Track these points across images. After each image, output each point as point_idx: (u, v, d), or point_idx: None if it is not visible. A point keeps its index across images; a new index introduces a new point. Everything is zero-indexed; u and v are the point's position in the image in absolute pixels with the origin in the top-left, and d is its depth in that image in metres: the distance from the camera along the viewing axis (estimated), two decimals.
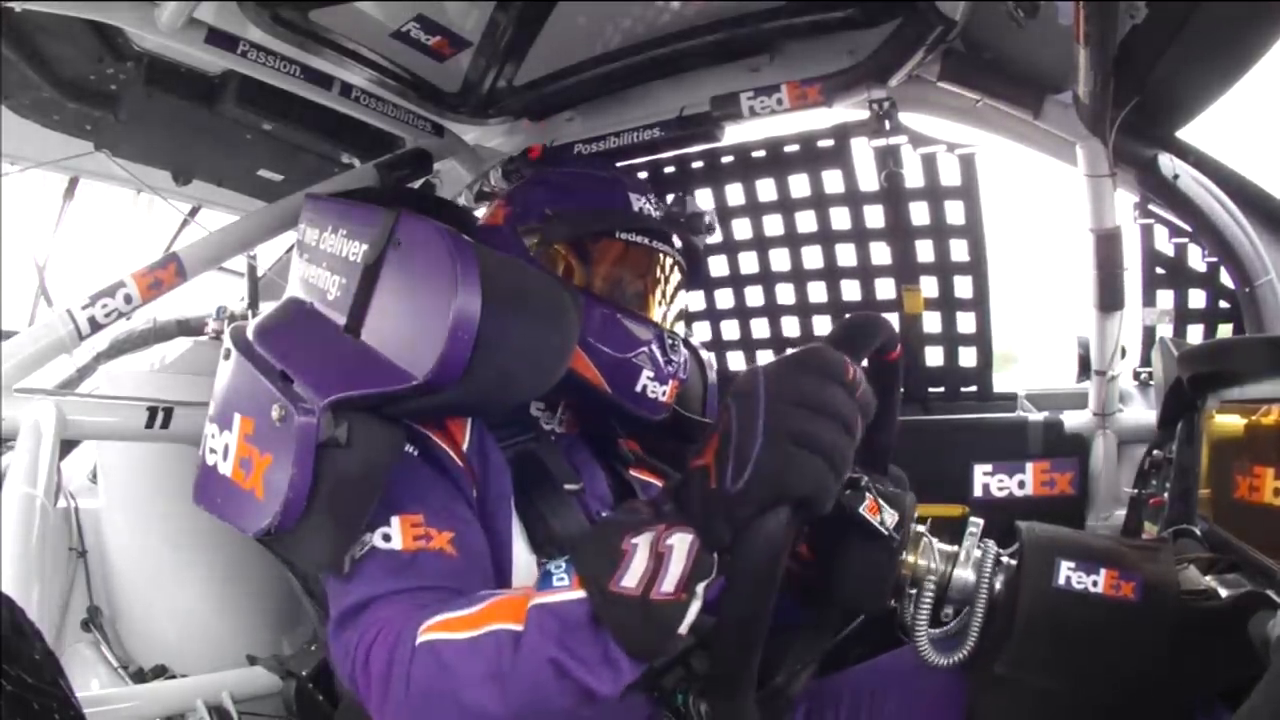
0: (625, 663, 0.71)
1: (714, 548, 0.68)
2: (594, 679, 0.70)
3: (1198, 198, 1.33)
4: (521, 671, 0.72)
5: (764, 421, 0.65)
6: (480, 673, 0.74)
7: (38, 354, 1.32)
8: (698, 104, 1.51)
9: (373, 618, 0.83)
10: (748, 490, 0.65)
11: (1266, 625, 0.67)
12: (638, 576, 0.68)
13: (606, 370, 1.14)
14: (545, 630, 0.72)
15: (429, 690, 0.76)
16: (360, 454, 0.88)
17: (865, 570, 0.85)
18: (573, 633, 0.71)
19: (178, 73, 1.47)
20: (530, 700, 0.72)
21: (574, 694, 0.71)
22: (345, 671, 0.85)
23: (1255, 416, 0.87)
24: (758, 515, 0.65)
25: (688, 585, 0.68)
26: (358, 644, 0.82)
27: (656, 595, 0.68)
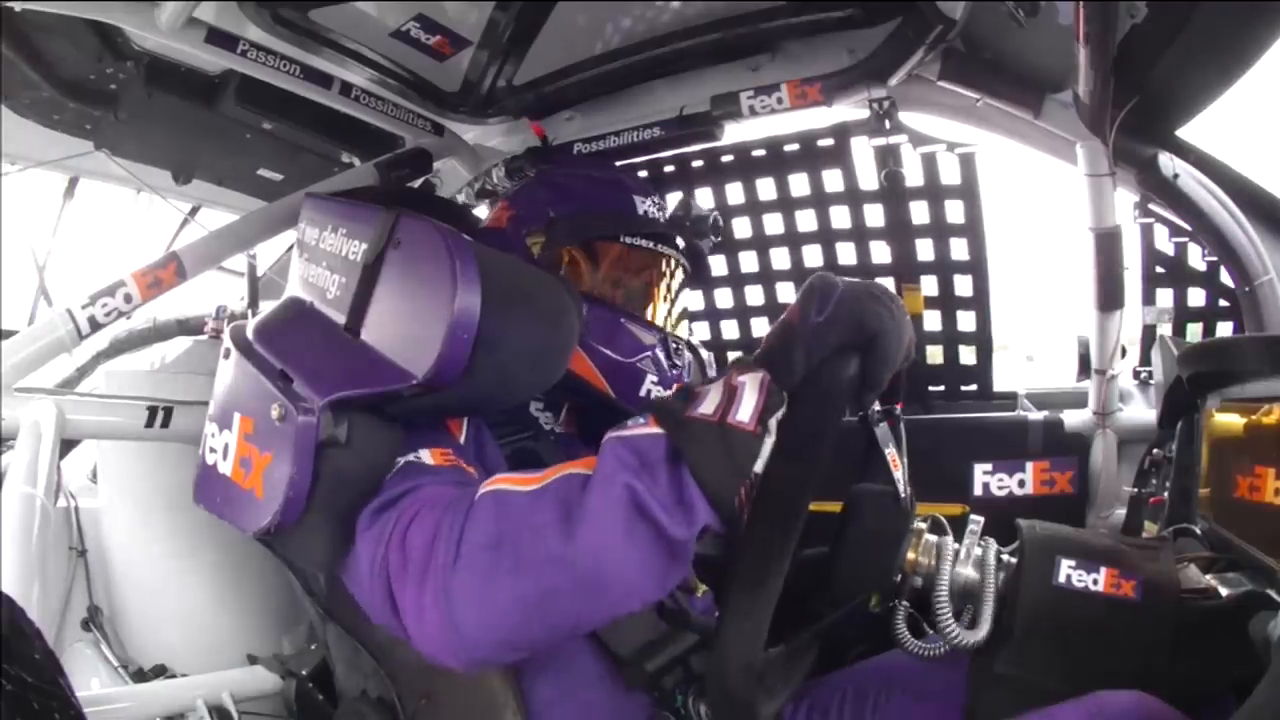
0: (700, 502, 0.68)
1: (784, 386, 0.71)
2: (668, 518, 0.68)
3: (1197, 197, 1.33)
4: (591, 507, 0.69)
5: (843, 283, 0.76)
6: (545, 514, 0.71)
7: (38, 354, 1.31)
8: (698, 103, 1.51)
9: (414, 499, 0.81)
10: (831, 321, 0.72)
11: (1267, 625, 0.67)
12: (714, 405, 0.70)
13: (610, 375, 1.14)
14: (621, 460, 0.70)
15: (484, 541, 0.71)
16: (360, 453, 0.88)
17: (872, 542, 0.85)
18: (649, 467, 0.69)
19: (178, 72, 1.47)
20: (598, 542, 0.68)
21: (645, 536, 0.68)
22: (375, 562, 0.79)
23: (1255, 415, 0.87)
24: (834, 353, 0.72)
25: (762, 418, 0.69)
26: (394, 525, 0.78)
27: (732, 422, 0.68)
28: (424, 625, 0.75)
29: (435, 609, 0.74)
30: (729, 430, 0.68)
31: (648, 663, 0.93)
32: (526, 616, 0.72)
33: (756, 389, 0.70)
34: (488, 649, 0.75)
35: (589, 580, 0.70)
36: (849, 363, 0.72)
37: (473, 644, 0.74)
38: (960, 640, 0.82)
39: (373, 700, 1.02)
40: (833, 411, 0.71)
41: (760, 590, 0.69)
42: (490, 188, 1.76)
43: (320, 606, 1.06)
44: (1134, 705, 0.73)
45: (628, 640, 0.96)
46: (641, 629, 0.97)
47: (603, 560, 0.69)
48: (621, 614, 0.74)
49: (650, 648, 0.94)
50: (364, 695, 1.03)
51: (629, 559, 0.69)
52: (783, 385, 0.71)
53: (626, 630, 0.96)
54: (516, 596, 0.71)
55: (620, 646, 0.95)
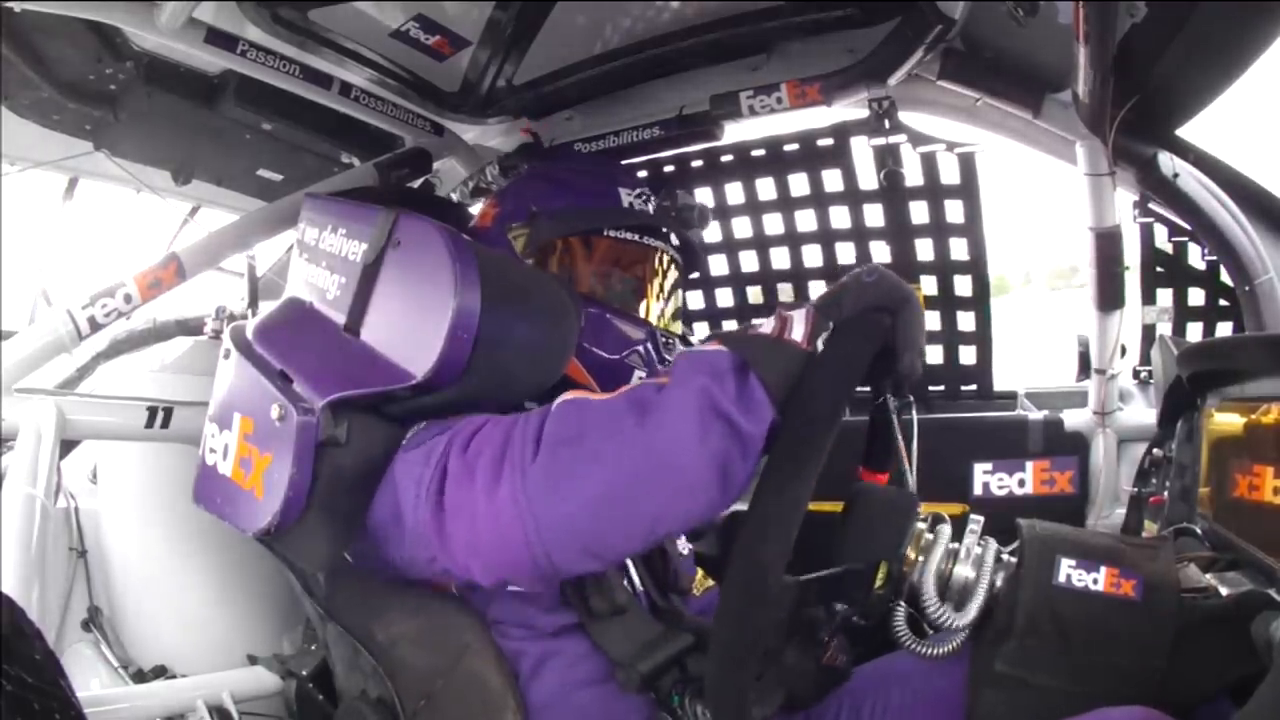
0: (766, 400, 0.76)
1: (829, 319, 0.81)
2: (740, 412, 0.74)
3: (1197, 196, 1.33)
4: (668, 402, 0.75)
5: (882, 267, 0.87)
6: (624, 411, 0.76)
7: (38, 354, 1.31)
8: (697, 103, 1.51)
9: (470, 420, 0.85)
10: (876, 284, 0.84)
11: (1269, 626, 0.67)
12: (770, 328, 0.80)
13: (597, 372, 1.13)
14: (694, 366, 0.77)
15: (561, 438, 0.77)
16: (360, 453, 0.88)
17: (882, 515, 0.86)
18: (719, 373, 0.76)
19: (177, 73, 1.47)
20: (675, 433, 0.74)
21: (718, 430, 0.74)
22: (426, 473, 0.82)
23: (1255, 415, 0.87)
24: (873, 307, 0.83)
25: (811, 338, 0.79)
26: (452, 438, 0.82)
27: (788, 337, 0.79)
28: (498, 528, 0.77)
29: (514, 506, 0.76)
30: (786, 344, 0.78)
31: (643, 664, 0.92)
32: (607, 510, 0.76)
33: (805, 319, 0.80)
34: (567, 549, 0.77)
35: (668, 469, 0.75)
36: (884, 316, 0.84)
37: (552, 542, 0.76)
38: (946, 620, 0.82)
39: (373, 700, 1.02)
40: (867, 344, 0.81)
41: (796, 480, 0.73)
42: (485, 185, 1.76)
43: (320, 606, 1.06)
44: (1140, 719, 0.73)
45: (623, 642, 0.96)
46: (636, 631, 0.97)
47: (680, 449, 0.74)
48: (696, 516, 0.79)
49: (646, 649, 0.94)
50: (364, 695, 1.03)
51: (703, 450, 0.74)
52: (828, 319, 0.81)
53: (620, 632, 0.96)
54: (599, 488, 0.75)
55: (615, 648, 0.95)
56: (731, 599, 0.75)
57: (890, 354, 0.86)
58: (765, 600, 0.73)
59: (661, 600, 1.06)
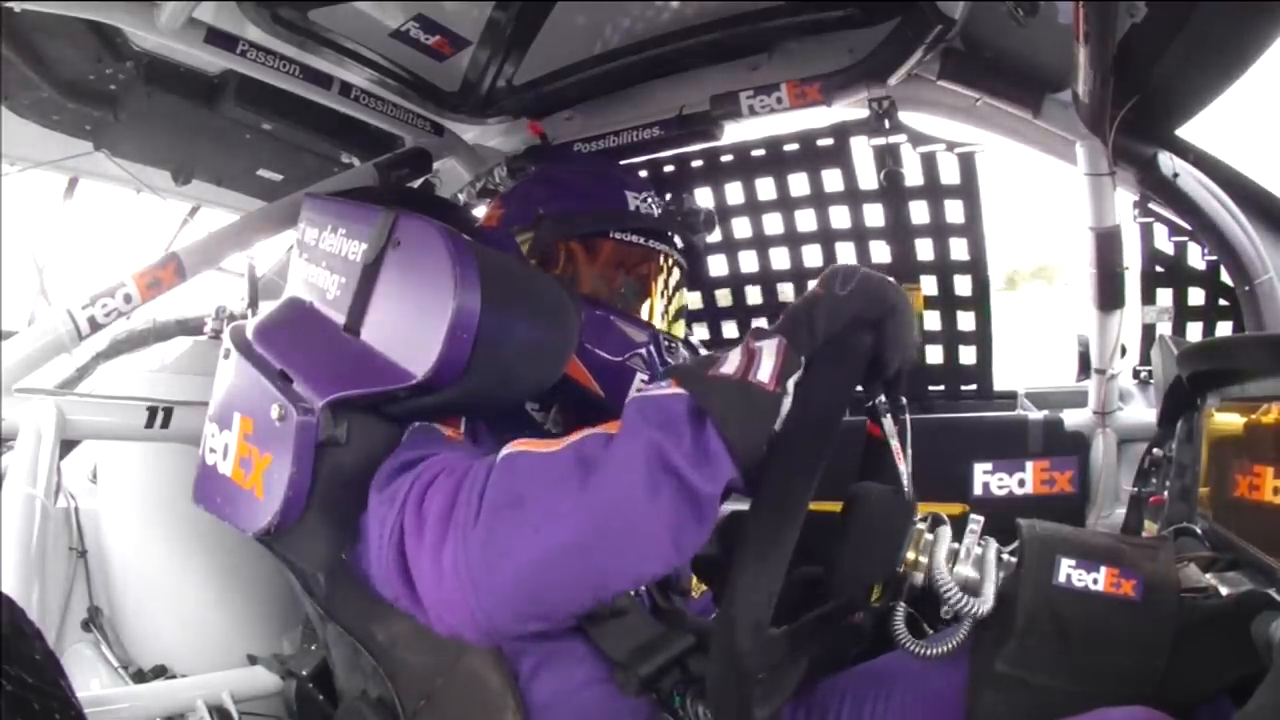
0: (724, 457, 0.69)
1: (801, 351, 0.74)
2: (693, 470, 0.68)
3: (1197, 196, 1.33)
4: (614, 460, 0.69)
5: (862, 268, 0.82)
6: (566, 470, 0.70)
7: (38, 354, 1.31)
8: (697, 103, 1.51)
9: (431, 464, 0.80)
10: (852, 295, 0.78)
11: (1269, 627, 0.67)
12: (734, 366, 0.73)
13: (599, 374, 1.13)
14: (645, 416, 0.71)
15: (503, 501, 0.71)
16: (359, 453, 0.88)
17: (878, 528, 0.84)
18: (673, 423, 0.70)
19: (177, 73, 1.47)
20: (621, 495, 0.68)
21: (669, 489, 0.68)
22: (387, 525, 0.78)
23: (1255, 415, 0.87)
24: (853, 322, 0.77)
25: (780, 378, 0.72)
26: (411, 486, 0.78)
27: (753, 379, 0.71)
28: (441, 590, 0.73)
29: (454, 572, 0.72)
30: (750, 388, 0.71)
31: (643, 665, 0.92)
32: (550, 575, 0.71)
33: (774, 352, 0.73)
34: (508, 615, 0.74)
35: (612, 533, 0.69)
36: (865, 335, 0.78)
37: (492, 608, 0.73)
38: (968, 607, 0.81)
39: (373, 700, 1.02)
40: (849, 375, 0.76)
41: (774, 547, 0.70)
42: (493, 187, 1.76)
43: (320, 606, 1.06)
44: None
45: (622, 643, 0.95)
46: (636, 631, 0.97)
47: (626, 513, 0.69)
48: (645, 576, 0.76)
49: (646, 650, 0.94)
50: (364, 695, 1.03)
51: (652, 512, 0.69)
52: (800, 350, 0.74)
53: (620, 633, 0.96)
54: (539, 554, 0.70)
55: (615, 650, 0.95)
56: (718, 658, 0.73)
57: (877, 363, 0.82)
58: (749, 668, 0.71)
59: (663, 601, 1.06)
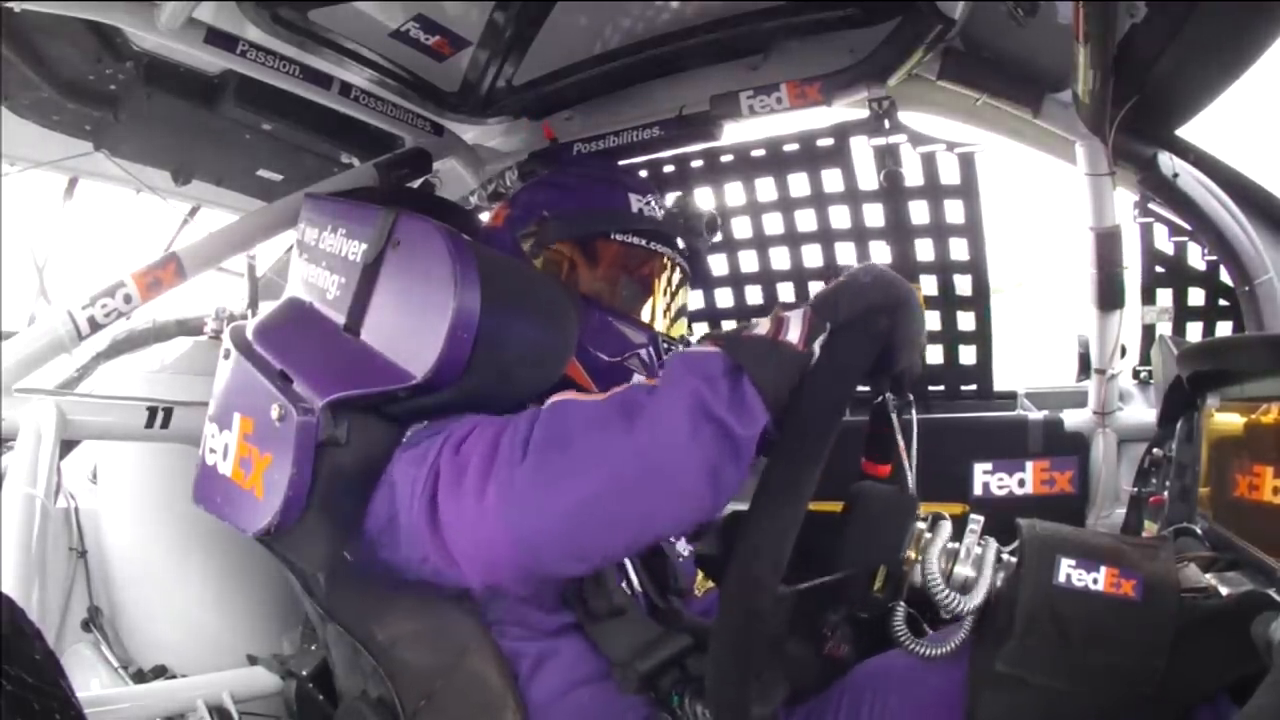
0: (759, 404, 0.74)
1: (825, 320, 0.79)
2: (731, 415, 0.73)
3: (1197, 196, 1.33)
4: (658, 405, 0.74)
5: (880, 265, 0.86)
6: (614, 416, 0.74)
7: (38, 354, 1.31)
8: (697, 103, 1.51)
9: (464, 420, 0.83)
10: (873, 283, 0.82)
11: (1269, 627, 0.67)
12: (765, 329, 0.79)
13: (596, 374, 1.13)
14: (686, 368, 0.75)
15: (550, 440, 0.75)
16: (359, 453, 0.88)
17: (882, 516, 0.86)
18: (711, 375, 0.74)
19: (177, 73, 1.47)
20: (664, 436, 0.73)
21: (709, 433, 0.72)
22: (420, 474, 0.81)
23: (1255, 415, 0.87)
24: (871, 309, 0.81)
25: (808, 340, 0.77)
26: (445, 440, 0.81)
27: (783, 338, 0.77)
28: (481, 529, 0.76)
29: (499, 510, 0.75)
30: (781, 346, 0.77)
31: (641, 664, 0.93)
32: (595, 513, 0.74)
33: (801, 319, 0.79)
34: (553, 552, 0.77)
35: (656, 473, 0.73)
36: (882, 318, 0.82)
37: (539, 545, 0.76)
38: (954, 604, 0.82)
39: (373, 700, 1.02)
40: (867, 347, 0.80)
41: (792, 491, 0.72)
42: (503, 191, 1.76)
43: (320, 606, 1.06)
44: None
45: (621, 642, 0.95)
46: (635, 632, 0.97)
47: (669, 454, 0.73)
48: (685, 521, 0.79)
49: (644, 650, 0.94)
50: (364, 695, 1.03)
51: (693, 454, 0.72)
52: (825, 320, 0.79)
53: (619, 633, 0.96)
54: (585, 491, 0.74)
55: (613, 649, 0.95)
56: (727, 614, 0.75)
57: (889, 354, 0.85)
58: (761, 615, 0.72)
59: (661, 601, 1.06)
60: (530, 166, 1.67)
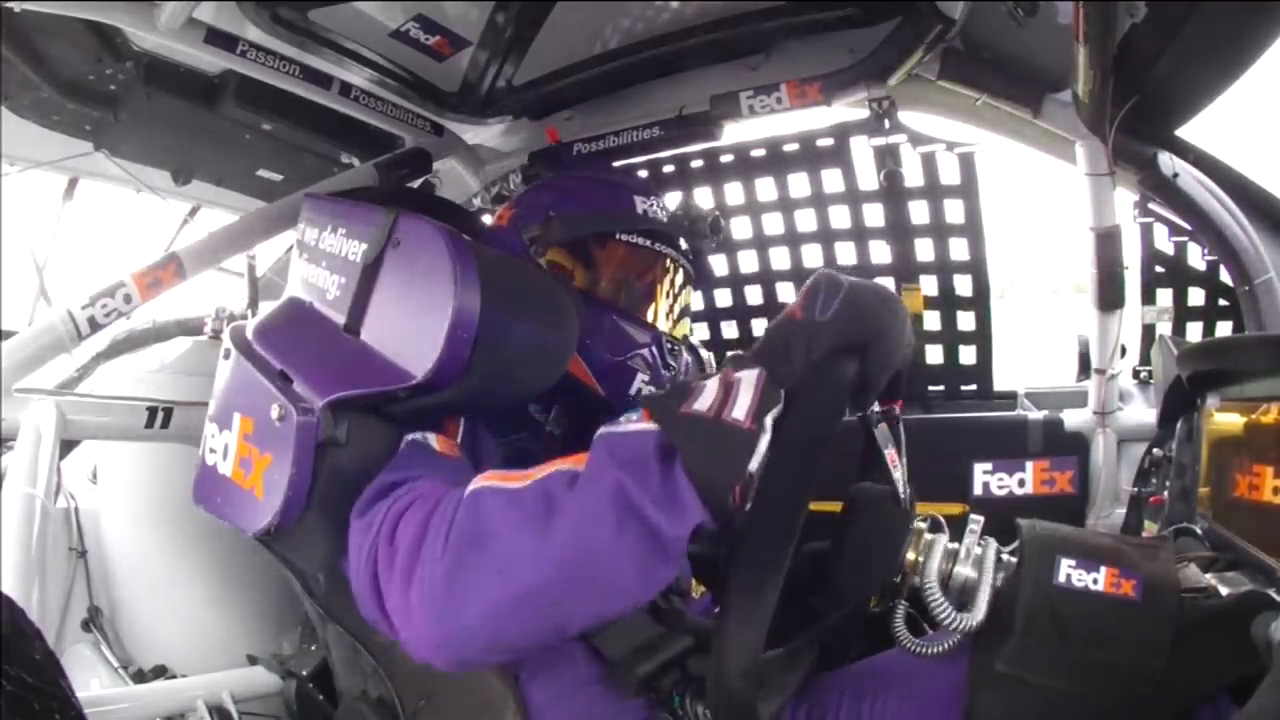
0: (693, 500, 0.66)
1: (780, 384, 0.70)
2: (659, 513, 0.65)
3: (1197, 196, 1.33)
4: (578, 502, 0.67)
5: (848, 283, 0.76)
6: (531, 510, 0.69)
7: (38, 354, 1.32)
8: (697, 103, 1.51)
9: (408, 490, 0.80)
10: (833, 320, 0.72)
11: (1269, 627, 0.67)
12: (708, 402, 0.69)
13: (600, 373, 1.13)
14: (611, 455, 0.68)
15: (469, 539, 0.70)
16: (359, 453, 0.88)
17: (871, 542, 0.84)
18: (639, 463, 0.67)
19: (177, 73, 1.47)
20: (585, 538, 0.66)
21: (634, 532, 0.65)
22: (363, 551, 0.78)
23: (1255, 415, 0.87)
24: (834, 351, 0.72)
25: (758, 415, 0.68)
26: (386, 515, 0.77)
27: (728, 418, 0.67)
28: (411, 624, 0.74)
29: (422, 608, 0.72)
30: (724, 427, 0.67)
31: (641, 666, 0.92)
32: (513, 615, 0.70)
33: (753, 386, 0.69)
34: (475, 649, 0.74)
35: (576, 578, 0.68)
36: (848, 363, 0.73)
37: (460, 643, 0.73)
38: (954, 622, 0.82)
39: (373, 700, 1.02)
40: (832, 411, 0.72)
41: (760, 593, 0.68)
42: (506, 193, 1.76)
43: (320, 606, 1.06)
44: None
45: (620, 644, 0.95)
46: (635, 632, 0.97)
47: (590, 557, 0.67)
48: (610, 615, 0.73)
49: (644, 650, 0.94)
50: (364, 695, 1.03)
51: (617, 555, 0.67)
52: (780, 382, 0.70)
53: (619, 634, 0.96)
54: (503, 594, 0.69)
55: (612, 650, 0.95)
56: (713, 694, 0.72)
57: (866, 384, 0.77)
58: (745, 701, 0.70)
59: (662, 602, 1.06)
60: (533, 169, 1.67)
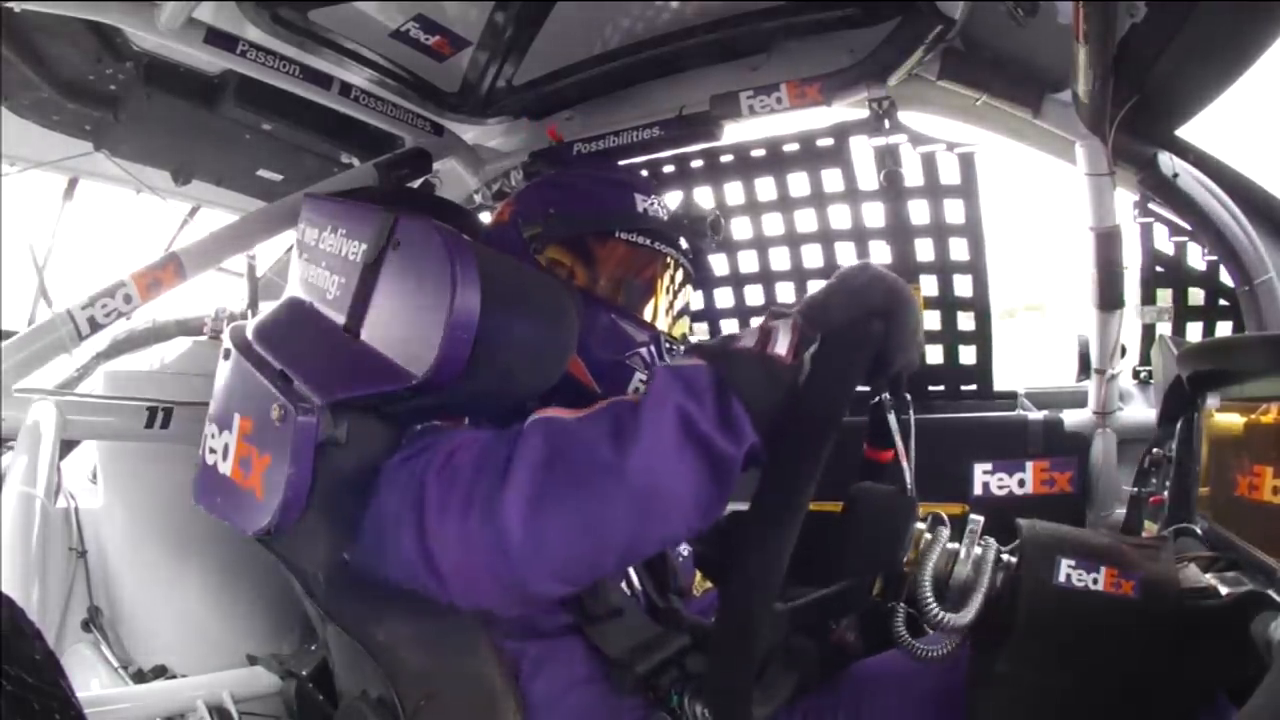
0: (746, 422, 0.72)
1: (815, 329, 0.77)
2: (718, 434, 0.72)
3: (1197, 196, 1.33)
4: (644, 423, 0.72)
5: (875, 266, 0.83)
6: (597, 435, 0.74)
7: (38, 354, 1.32)
8: (697, 103, 1.51)
9: (450, 438, 0.82)
10: (867, 287, 0.80)
11: (1268, 626, 0.67)
12: (753, 341, 0.77)
13: (598, 371, 1.13)
14: (671, 384, 0.74)
15: (537, 459, 0.74)
16: (359, 453, 0.88)
17: (877, 525, 0.85)
18: (698, 391, 0.73)
19: (177, 73, 1.47)
20: (650, 456, 0.71)
21: (695, 452, 0.71)
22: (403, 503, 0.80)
23: (1255, 415, 0.87)
24: (865, 313, 0.78)
25: (796, 352, 0.75)
26: (430, 460, 0.80)
27: (771, 352, 0.75)
28: (469, 554, 0.75)
29: (483, 533, 0.74)
30: (769, 359, 0.75)
31: (640, 664, 0.93)
32: (578, 536, 0.73)
33: (790, 329, 0.76)
34: (538, 575, 0.75)
35: (641, 494, 0.72)
36: (876, 322, 0.79)
37: (523, 569, 0.74)
38: (942, 620, 0.82)
39: (373, 700, 1.01)
40: (860, 354, 0.77)
41: (787, 513, 0.71)
42: (507, 191, 1.76)
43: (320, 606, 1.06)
44: None
45: (619, 643, 0.95)
46: (633, 631, 0.97)
47: (654, 474, 0.72)
48: (670, 538, 0.78)
49: (643, 649, 0.94)
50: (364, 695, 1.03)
51: (679, 474, 0.72)
52: (815, 328, 0.77)
53: (618, 633, 0.96)
54: (569, 514, 0.73)
55: (612, 649, 0.95)
56: (723, 639, 0.74)
57: (884, 356, 0.83)
58: (757, 635, 0.72)
59: (660, 601, 1.07)
60: (534, 168, 1.67)
